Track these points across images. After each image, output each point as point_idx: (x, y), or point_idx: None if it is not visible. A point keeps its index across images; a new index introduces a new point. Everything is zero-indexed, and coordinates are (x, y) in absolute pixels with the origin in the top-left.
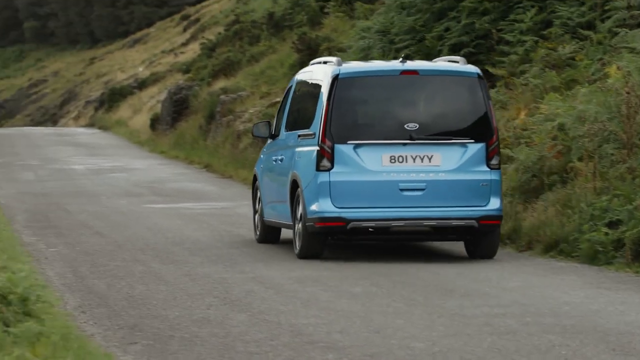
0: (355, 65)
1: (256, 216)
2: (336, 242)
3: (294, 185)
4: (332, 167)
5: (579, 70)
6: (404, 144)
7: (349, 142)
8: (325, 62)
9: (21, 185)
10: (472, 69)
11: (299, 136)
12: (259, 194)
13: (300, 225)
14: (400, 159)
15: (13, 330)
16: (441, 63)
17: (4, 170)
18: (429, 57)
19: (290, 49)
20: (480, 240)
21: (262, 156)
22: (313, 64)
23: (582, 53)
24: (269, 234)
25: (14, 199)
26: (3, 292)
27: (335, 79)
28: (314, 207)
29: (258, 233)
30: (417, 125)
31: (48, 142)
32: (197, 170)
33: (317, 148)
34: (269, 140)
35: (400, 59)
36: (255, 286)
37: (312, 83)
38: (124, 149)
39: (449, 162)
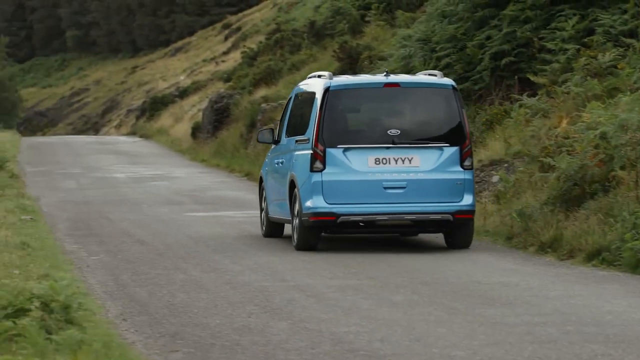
0: (344, 79)
1: (262, 214)
2: (329, 235)
3: (292, 184)
4: (324, 168)
5: (620, 78)
6: (387, 148)
7: (338, 146)
8: (319, 76)
9: (63, 194)
10: (448, 81)
11: (296, 141)
12: (264, 194)
13: (297, 220)
14: (384, 161)
15: (55, 337)
16: (420, 76)
17: (46, 178)
18: (470, 65)
19: (331, 58)
20: (456, 232)
21: (267, 159)
22: (309, 77)
23: (624, 61)
24: (273, 230)
25: (56, 208)
26: (45, 300)
27: (327, 90)
28: (308, 204)
29: (264, 229)
30: (399, 131)
31: (90, 151)
32: (238, 179)
33: (311, 152)
34: (273, 146)
35: (384, 73)
36: (296, 294)
37: (307, 95)
38: (165, 158)
39: (427, 163)
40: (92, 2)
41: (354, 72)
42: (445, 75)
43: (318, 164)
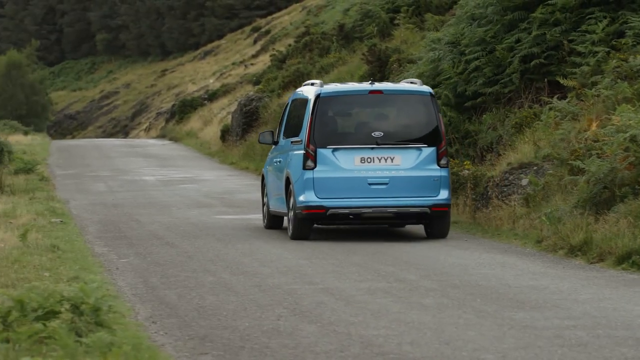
0: (334, 87)
1: (264, 207)
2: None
3: (287, 181)
4: (315, 166)
5: None
6: (372, 148)
7: (328, 146)
8: (312, 84)
9: (93, 197)
10: (426, 88)
11: (292, 142)
12: (265, 190)
13: (292, 213)
14: (369, 160)
15: (85, 340)
16: (402, 84)
17: (76, 181)
18: (499, 68)
19: (360, 61)
20: (434, 223)
21: (267, 158)
22: (304, 85)
23: None
24: (273, 222)
25: (85, 210)
26: (75, 302)
27: (318, 97)
28: (301, 198)
29: (265, 221)
30: (382, 134)
31: (119, 154)
32: None
33: (304, 151)
34: (273, 146)
35: (370, 81)
36: (325, 297)
37: (301, 101)
38: (195, 160)
39: (407, 162)
40: (122, 5)
41: (383, 75)
42: (474, 77)
43: (310, 163)
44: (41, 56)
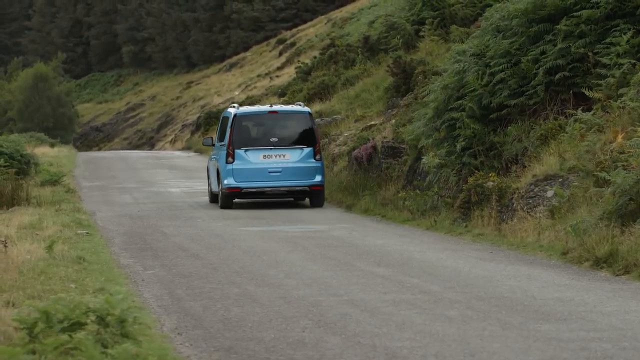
0: (246, 108)
1: (208, 188)
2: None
3: (218, 171)
4: (234, 161)
5: None
6: (270, 149)
7: (242, 148)
8: (234, 107)
9: (119, 208)
10: (306, 109)
11: (220, 145)
12: (209, 177)
13: (220, 191)
14: (269, 157)
15: (111, 351)
16: (290, 106)
17: (102, 193)
18: (524, 80)
19: (385, 73)
20: (313, 198)
21: (209, 156)
22: (230, 107)
23: None
24: (214, 198)
25: (111, 222)
26: (101, 313)
27: (235, 115)
28: (225, 182)
29: (209, 198)
30: (277, 139)
31: (145, 165)
32: None
33: (227, 151)
34: (213, 147)
35: (270, 105)
36: (350, 309)
37: (226, 117)
38: None
39: (294, 157)
40: (148, 18)
41: (408, 87)
42: (499, 89)
43: (230, 159)
44: (67, 69)
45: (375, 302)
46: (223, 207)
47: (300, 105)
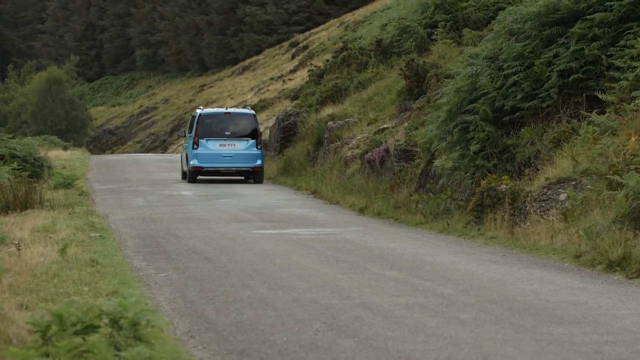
0: (209, 109)
1: (182, 169)
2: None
3: (187, 155)
4: (198, 148)
5: None
6: (225, 139)
7: (204, 138)
8: (200, 108)
9: (132, 211)
10: (251, 111)
11: (189, 136)
12: (182, 159)
13: (188, 170)
14: (224, 145)
15: (124, 354)
16: (241, 109)
17: (115, 196)
18: (537, 83)
19: (398, 76)
20: (255, 176)
21: (182, 145)
22: (197, 109)
23: None
24: (183, 175)
25: (124, 225)
26: (114, 316)
27: (200, 114)
28: (192, 163)
29: (181, 176)
30: (230, 132)
31: (158, 168)
32: (305, 196)
33: (193, 140)
34: (185, 138)
35: (225, 108)
36: (363, 312)
37: (195, 115)
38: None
39: (242, 146)
40: (161, 21)
41: (421, 90)
42: (512, 92)
43: (195, 146)
44: (81, 72)
45: (388, 305)
46: (190, 181)
47: (248, 108)
